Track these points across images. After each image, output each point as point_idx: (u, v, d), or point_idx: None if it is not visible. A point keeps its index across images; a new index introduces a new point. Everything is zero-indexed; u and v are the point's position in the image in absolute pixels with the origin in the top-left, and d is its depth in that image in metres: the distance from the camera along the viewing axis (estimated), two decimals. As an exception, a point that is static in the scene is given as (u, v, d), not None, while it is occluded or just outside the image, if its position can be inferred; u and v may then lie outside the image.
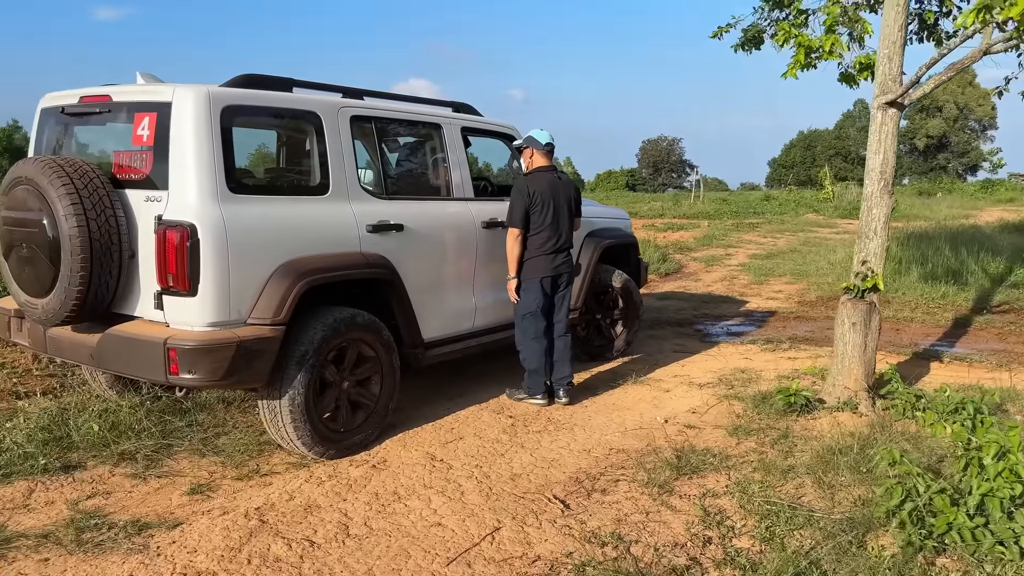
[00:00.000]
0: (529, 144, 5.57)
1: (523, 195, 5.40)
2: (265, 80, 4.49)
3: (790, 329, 8.49)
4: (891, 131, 5.19)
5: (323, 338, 4.32)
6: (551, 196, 5.44)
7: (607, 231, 6.81)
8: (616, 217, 7.26)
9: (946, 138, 71.42)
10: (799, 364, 6.73)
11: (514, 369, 6.13)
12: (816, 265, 13.22)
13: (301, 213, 4.41)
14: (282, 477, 4.23)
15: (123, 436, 4.58)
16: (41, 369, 5.89)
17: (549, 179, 5.51)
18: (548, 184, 5.47)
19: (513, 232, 5.42)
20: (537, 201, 5.40)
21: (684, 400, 5.78)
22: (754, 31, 6.81)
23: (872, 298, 5.31)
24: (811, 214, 27.90)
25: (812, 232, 21.04)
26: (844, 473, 4.19)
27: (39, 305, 4.23)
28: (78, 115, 4.64)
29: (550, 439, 4.91)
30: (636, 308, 7.02)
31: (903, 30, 5.12)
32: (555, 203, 5.46)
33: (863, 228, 5.37)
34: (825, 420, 5.09)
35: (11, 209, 4.28)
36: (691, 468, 4.36)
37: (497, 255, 5.65)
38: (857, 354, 5.27)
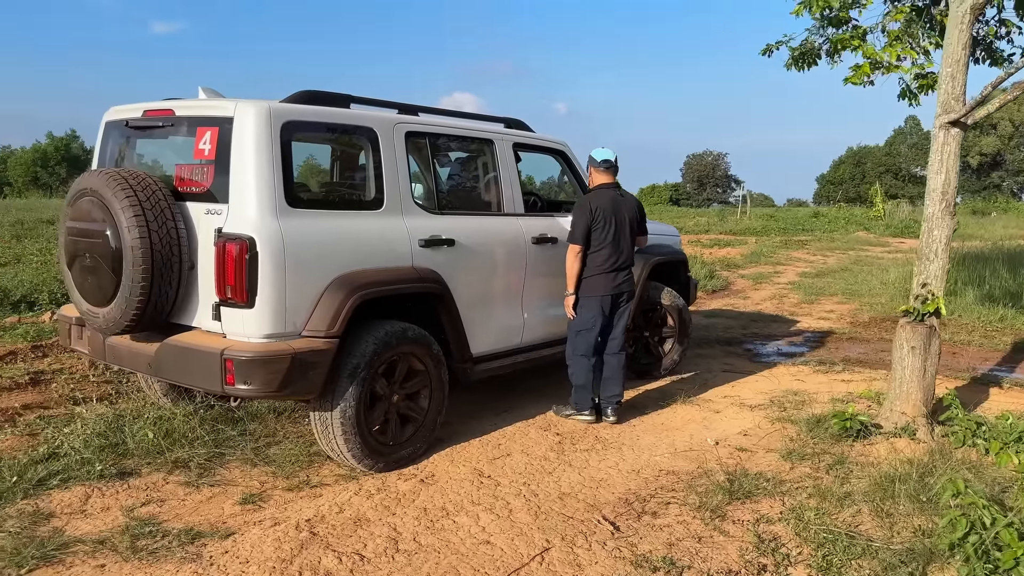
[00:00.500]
0: (590, 163, 5.59)
1: (585, 212, 5.36)
2: (323, 96, 4.55)
3: (843, 350, 8.32)
4: (953, 151, 5.06)
5: (375, 351, 4.35)
6: (612, 213, 5.39)
7: (656, 248, 6.75)
8: (666, 234, 7.20)
9: (1000, 156, 69.62)
10: (854, 387, 6.58)
11: (562, 385, 6.10)
12: (868, 285, 12.96)
13: (356, 227, 4.45)
14: (332, 489, 4.24)
15: (177, 444, 4.65)
16: (98, 376, 6.02)
17: (611, 196, 5.46)
18: (610, 201, 5.43)
19: (573, 249, 5.38)
20: (599, 218, 5.35)
21: (735, 421, 5.68)
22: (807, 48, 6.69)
23: (932, 322, 5.17)
24: (861, 232, 27.40)
25: (863, 251, 20.64)
26: (903, 502, 4.07)
27: (100, 314, 4.31)
28: (141, 128, 4.74)
29: (598, 458, 4.86)
30: (685, 326, 6.93)
31: (967, 49, 4.99)
32: (616, 220, 5.41)
33: (923, 249, 5.24)
34: (882, 446, 4.96)
35: (76, 220, 4.37)
36: (744, 492, 4.28)
37: (546, 270, 5.65)
38: (916, 379, 5.13)
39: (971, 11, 4.89)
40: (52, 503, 3.95)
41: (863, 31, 6.33)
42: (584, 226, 5.35)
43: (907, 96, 6.04)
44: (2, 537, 3.53)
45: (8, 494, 3.97)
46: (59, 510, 3.88)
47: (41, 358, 6.35)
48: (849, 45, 5.41)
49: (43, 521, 3.75)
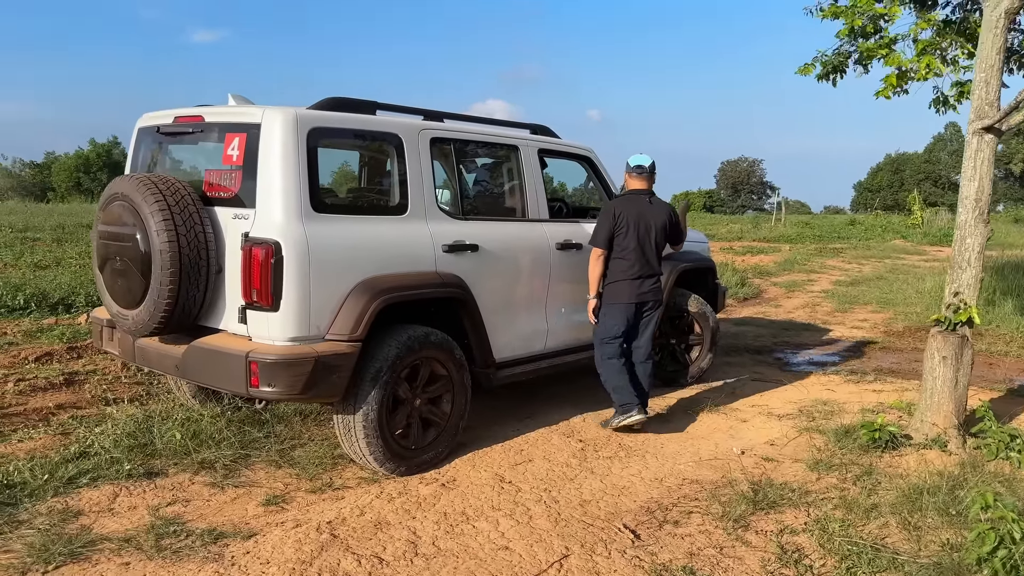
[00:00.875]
0: (626, 168, 5.56)
1: (608, 217, 5.33)
2: (350, 103, 4.60)
3: (875, 360, 8.19)
4: (987, 157, 4.97)
5: (397, 355, 4.37)
6: (637, 219, 5.32)
7: (684, 255, 6.70)
8: (694, 240, 7.14)
9: (1046, 163, 68.06)
10: (884, 397, 6.47)
11: (586, 390, 6.09)
12: (904, 294, 12.74)
13: (380, 232, 4.49)
14: (354, 492, 4.27)
15: (203, 445, 4.71)
16: (129, 377, 6.13)
17: (638, 202, 5.41)
18: (636, 207, 5.37)
19: (595, 252, 5.36)
20: (622, 224, 5.30)
21: (762, 431, 5.62)
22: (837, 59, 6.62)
23: (964, 331, 5.07)
24: (899, 240, 26.96)
25: (899, 259, 20.29)
26: (931, 515, 3.99)
27: (129, 316, 4.39)
28: (172, 134, 4.82)
29: (621, 466, 4.83)
30: (713, 334, 6.87)
31: (1000, 54, 4.90)
32: (643, 227, 5.34)
33: (956, 258, 5.15)
34: (912, 458, 4.88)
35: (107, 224, 4.46)
36: (768, 503, 4.23)
37: (571, 276, 5.65)
38: (947, 390, 5.04)
39: (1005, 16, 4.80)
40: (81, 501, 4.02)
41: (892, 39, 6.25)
42: (607, 230, 5.32)
43: (939, 104, 5.95)
44: (31, 534, 3.61)
45: (39, 492, 4.05)
46: (88, 508, 3.96)
47: (76, 359, 6.49)
48: (877, 54, 5.35)
49: (72, 519, 3.82)
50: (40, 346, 6.67)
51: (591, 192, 6.68)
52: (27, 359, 6.29)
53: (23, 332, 7.13)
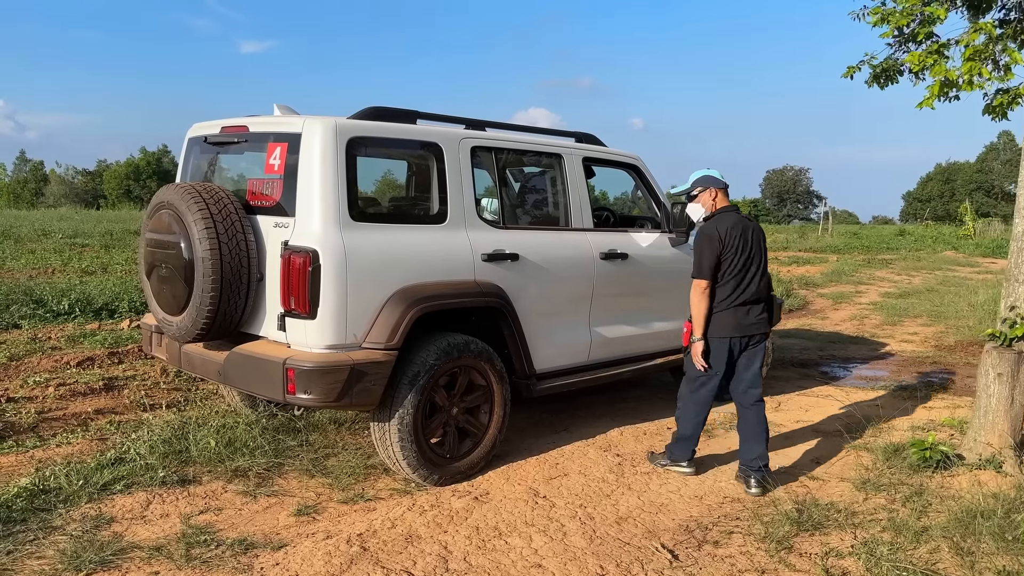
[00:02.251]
0: (706, 184, 4.79)
1: (713, 239, 4.59)
2: (390, 112, 4.60)
3: (926, 375, 7.91)
4: (1046, 166, 4.75)
5: (435, 364, 4.35)
6: (742, 239, 4.61)
7: None
8: None
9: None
10: (935, 415, 6.23)
11: (624, 403, 5.97)
12: (955, 307, 12.35)
13: (419, 241, 4.47)
14: (386, 503, 4.22)
15: (238, 453, 4.71)
16: (168, 383, 6.17)
17: (737, 220, 4.69)
18: (738, 225, 4.65)
19: (700, 285, 4.61)
20: (729, 246, 4.59)
21: (807, 448, 5.44)
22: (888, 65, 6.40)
23: (1021, 347, 4.85)
24: (950, 251, 26.26)
25: (951, 271, 19.74)
26: (986, 540, 3.80)
27: (174, 322, 4.46)
28: (219, 144, 4.91)
29: (659, 482, 4.71)
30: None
31: (1062, 56, 4.69)
32: (748, 247, 4.64)
33: (1012, 271, 4.93)
34: (964, 478, 4.66)
35: (154, 231, 4.54)
36: (813, 524, 4.07)
37: (615, 286, 5.55)
38: (1003, 408, 4.82)
39: (1067, 17, 4.60)
40: (115, 508, 4.03)
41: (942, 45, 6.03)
42: (712, 257, 4.58)
43: (992, 112, 5.71)
44: (64, 540, 3.62)
45: (74, 497, 4.07)
46: (120, 515, 3.96)
47: (117, 364, 6.56)
48: (927, 63, 5.14)
49: (104, 525, 3.82)
50: (82, 351, 6.75)
51: (638, 200, 6.55)
52: (69, 364, 6.37)
53: (67, 337, 7.24)
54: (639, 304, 5.83)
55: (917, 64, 5.51)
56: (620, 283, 5.59)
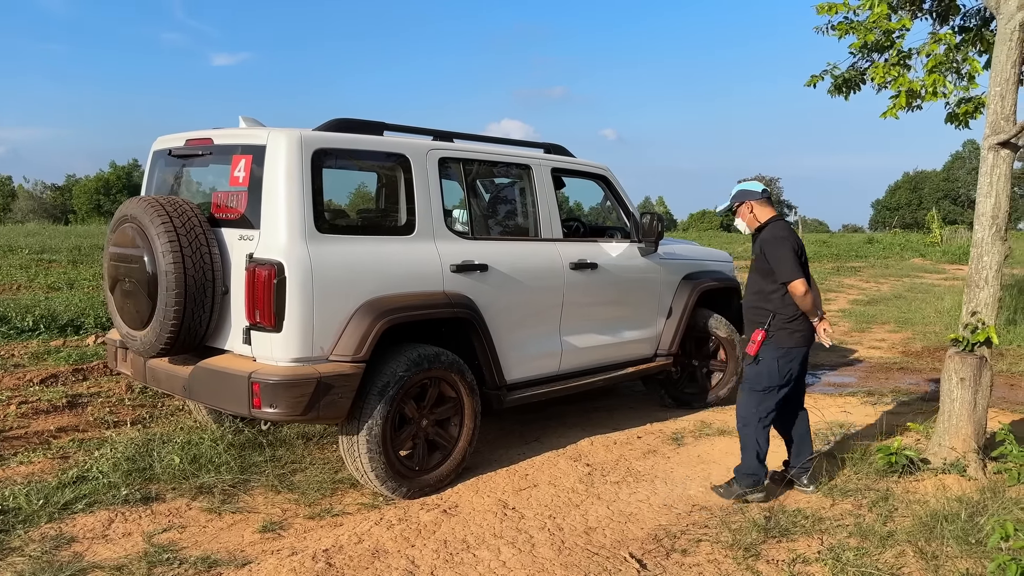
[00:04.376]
0: (744, 198, 4.70)
1: (791, 242, 4.49)
2: (357, 124, 4.59)
3: (893, 381, 8.00)
4: (1004, 173, 4.84)
5: (403, 375, 4.33)
6: (803, 247, 4.61)
7: (707, 273, 6.62)
8: (717, 260, 7.04)
9: (1067, 180, 67.36)
10: (902, 420, 6.29)
11: (595, 412, 5.97)
12: (922, 313, 12.52)
13: (386, 252, 4.44)
14: (353, 518, 4.18)
15: (203, 469, 4.64)
16: (133, 400, 6.08)
17: (791, 228, 4.68)
18: (795, 234, 4.64)
19: (799, 285, 4.43)
20: (800, 252, 4.54)
21: (776, 455, 5.42)
22: (851, 74, 6.51)
23: (983, 352, 4.92)
24: (917, 259, 26.63)
25: (918, 278, 20.01)
26: (950, 543, 3.83)
27: (138, 337, 4.39)
28: (184, 157, 4.85)
29: (629, 491, 4.71)
30: (737, 357, 6.70)
31: (1016, 67, 4.78)
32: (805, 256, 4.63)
33: (972, 276, 5.00)
34: (929, 483, 4.71)
35: (117, 245, 4.49)
36: (780, 530, 4.08)
37: (586, 296, 5.57)
38: (966, 412, 4.88)
39: (1020, 28, 4.69)
40: (75, 527, 3.95)
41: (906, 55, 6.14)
42: (796, 257, 4.47)
43: (955, 120, 5.82)
44: (22, 561, 3.54)
45: (34, 518, 3.98)
46: (81, 534, 3.88)
47: (81, 381, 6.45)
48: (890, 74, 5.24)
49: (65, 545, 3.75)
50: (46, 368, 6.63)
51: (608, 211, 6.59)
52: (32, 381, 6.25)
53: (30, 354, 7.10)
54: (610, 313, 5.84)
55: (881, 77, 5.61)
56: (590, 293, 5.60)
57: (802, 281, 4.46)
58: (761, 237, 4.63)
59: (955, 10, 5.75)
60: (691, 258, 6.64)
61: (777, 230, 4.59)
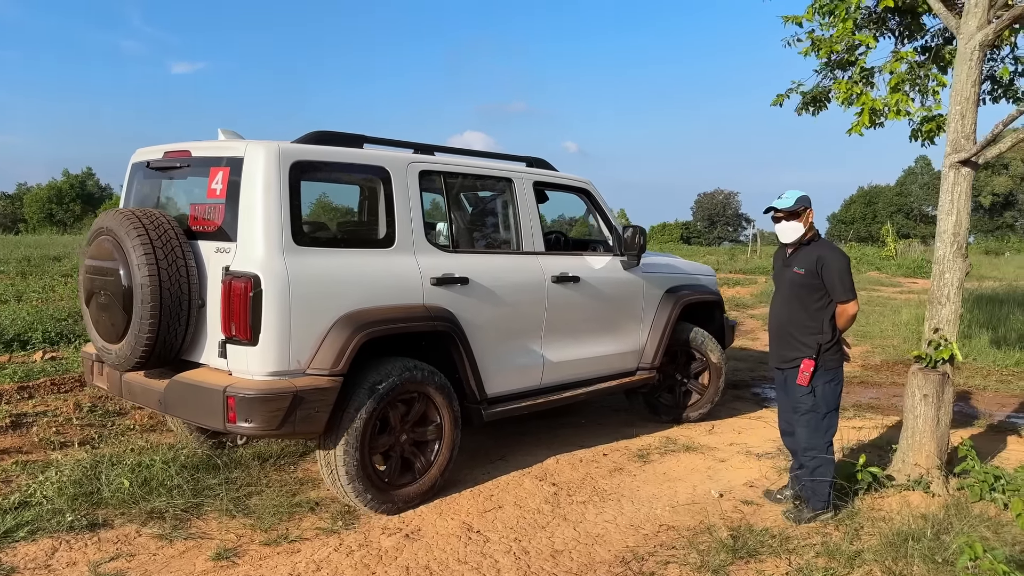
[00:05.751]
0: (810, 205, 4.59)
1: (847, 260, 4.51)
2: (336, 137, 4.58)
3: (854, 395, 8.05)
4: (964, 191, 4.88)
5: (382, 389, 4.30)
6: None
7: (689, 287, 6.64)
8: (700, 273, 7.06)
9: (1013, 196, 69.35)
10: (864, 434, 6.32)
11: (562, 429, 5.89)
12: (880, 326, 12.70)
13: (365, 265, 4.41)
14: (311, 544, 4.02)
15: (154, 493, 4.46)
16: (81, 419, 5.85)
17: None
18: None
19: (854, 305, 4.46)
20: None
21: (741, 471, 5.44)
22: (817, 92, 6.56)
23: (945, 368, 4.94)
24: (873, 272, 27.11)
25: (875, 291, 20.34)
26: (917, 563, 3.82)
27: (113, 350, 4.34)
28: (162, 169, 4.80)
29: (595, 511, 4.63)
30: (717, 371, 6.68)
31: (976, 86, 4.84)
32: None
33: (934, 293, 5.03)
34: (894, 500, 4.71)
35: (93, 258, 4.44)
36: (748, 551, 4.03)
37: (568, 310, 5.57)
38: (929, 429, 4.90)
39: (979, 48, 4.75)
40: (16, 557, 3.75)
41: (870, 72, 6.20)
42: (851, 276, 4.49)
43: (919, 137, 5.88)
44: (-43, 596, 3.34)
45: (-29, 547, 3.77)
46: (23, 565, 3.68)
47: (26, 399, 6.20)
48: (853, 91, 5.30)
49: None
50: (-11, 386, 6.36)
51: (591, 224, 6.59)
52: (-26, 400, 5.99)
53: (-27, 371, 6.82)
54: (592, 327, 5.83)
55: (845, 95, 5.65)
56: (572, 306, 5.60)
57: (856, 301, 4.46)
58: (819, 253, 4.50)
59: (918, 29, 5.83)
60: (673, 272, 6.66)
61: (834, 246, 4.56)
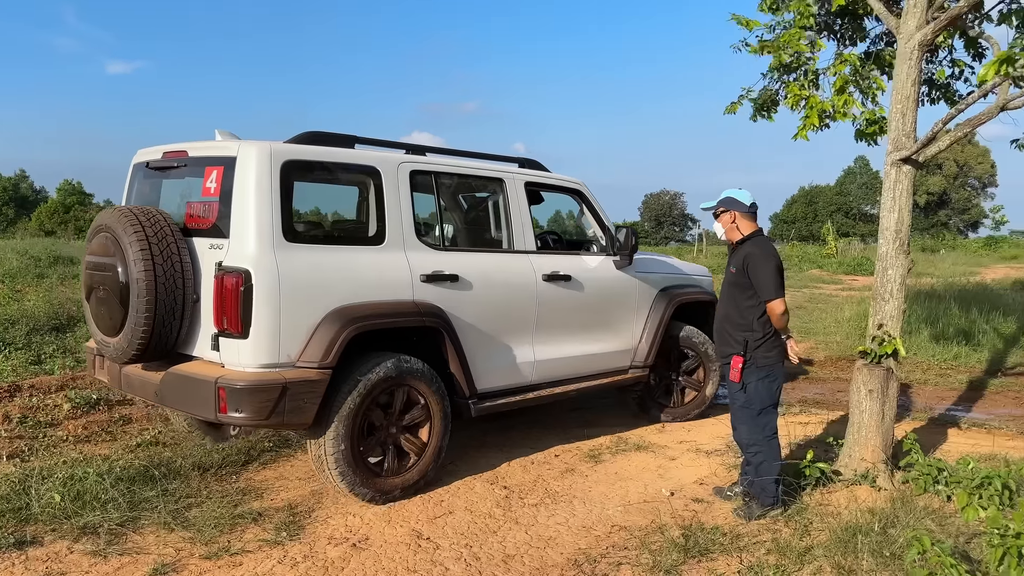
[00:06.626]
0: (731, 207, 4.61)
1: (774, 259, 4.47)
2: (328, 137, 4.76)
3: (799, 391, 8.17)
4: (906, 188, 4.96)
5: (371, 382, 4.43)
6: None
7: (683, 287, 6.70)
8: (695, 274, 7.12)
9: (947, 195, 71.71)
10: (811, 430, 6.40)
11: (515, 431, 5.83)
12: (823, 323, 12.92)
13: (355, 262, 4.55)
14: (253, 556, 3.88)
15: (87, 507, 4.26)
16: (10, 430, 5.58)
17: (773, 245, 4.68)
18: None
19: (780, 304, 4.42)
20: (781, 268, 4.52)
21: (691, 469, 5.45)
22: (767, 97, 6.62)
23: (890, 364, 5.01)
24: (815, 270, 27.68)
25: (817, 288, 20.77)
26: (865, 557, 3.84)
27: (111, 343, 4.51)
28: (161, 169, 4.98)
29: (547, 514, 4.57)
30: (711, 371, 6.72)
31: (916, 86, 4.92)
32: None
33: (878, 289, 5.10)
34: (842, 494, 4.76)
35: (92, 254, 4.62)
36: (699, 549, 4.02)
37: (560, 307, 5.66)
38: (874, 423, 4.96)
39: (919, 48, 4.83)
40: (-64, 580, 3.54)
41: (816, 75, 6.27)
42: (777, 275, 4.45)
43: (863, 138, 5.98)
44: None
45: None
46: (-57, 588, 3.48)
47: (-50, 412, 5.89)
48: (801, 95, 5.36)
49: (-78, 602, 3.34)
50: (-90, 398, 6.04)
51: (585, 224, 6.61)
52: None
53: None
54: (585, 325, 5.92)
55: (794, 98, 5.70)
56: (564, 304, 5.69)
57: (783, 300, 4.46)
58: (746, 252, 4.56)
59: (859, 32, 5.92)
60: (667, 271, 6.73)
61: (763, 246, 4.55)
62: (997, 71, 3.94)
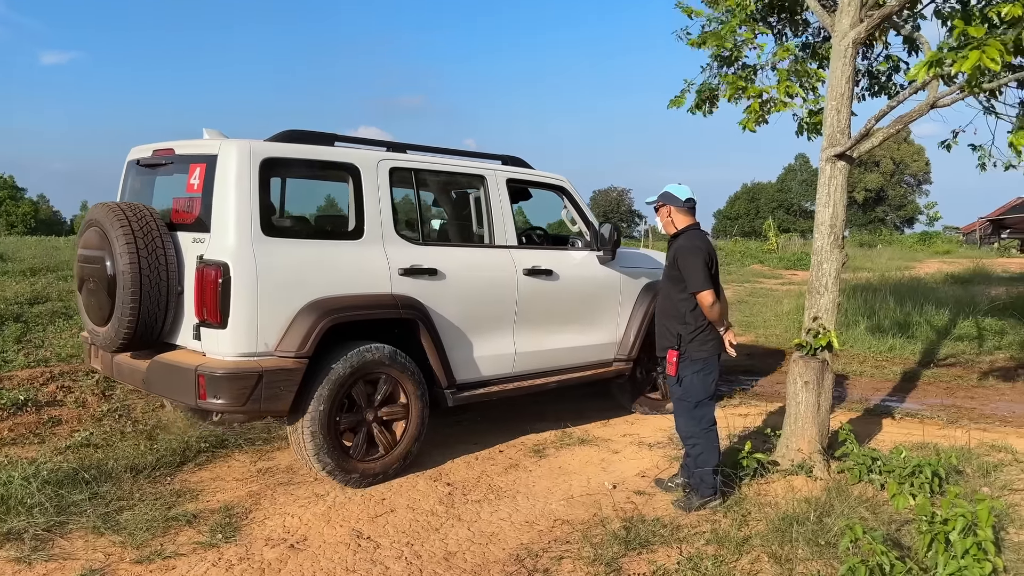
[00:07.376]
0: (667, 201, 4.69)
1: (703, 254, 4.51)
2: (308, 135, 4.92)
3: (740, 383, 8.30)
4: (840, 184, 5.06)
5: (347, 370, 4.61)
6: (715, 258, 4.62)
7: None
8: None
9: (883, 192, 73.75)
10: (750, 421, 6.50)
11: (459, 427, 5.79)
12: (763, 317, 13.17)
13: (333, 255, 4.72)
14: (187, 560, 3.78)
15: (12, 512, 4.10)
16: (-70, 434, 5.34)
17: (708, 239, 4.74)
18: (710, 244, 4.67)
19: (708, 296, 4.47)
20: (711, 262, 4.54)
21: (633, 462, 5.48)
22: (707, 91, 6.69)
23: (825, 356, 5.12)
24: (756, 265, 28.18)
25: (758, 283, 21.15)
26: (802, 546, 3.91)
27: (101, 333, 4.72)
28: (150, 166, 5.19)
29: (490, 509, 4.55)
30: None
31: (850, 82, 5.02)
32: (716, 267, 4.64)
33: (813, 283, 5.20)
34: (779, 485, 4.84)
35: (83, 247, 4.84)
36: (640, 541, 4.04)
37: (541, 301, 5.77)
38: (810, 415, 5.06)
39: (853, 45, 4.92)
40: None
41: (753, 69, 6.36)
42: (705, 267, 4.48)
43: (805, 131, 6.09)
44: None
45: None
46: None
47: None
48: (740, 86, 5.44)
49: None
50: None
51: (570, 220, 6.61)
52: None
53: None
54: (566, 318, 6.01)
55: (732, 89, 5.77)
56: (545, 298, 5.81)
57: (711, 292, 4.50)
58: (676, 244, 4.68)
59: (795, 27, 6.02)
60: (651, 266, 6.78)
61: (692, 239, 4.63)
62: (927, 71, 4.04)
